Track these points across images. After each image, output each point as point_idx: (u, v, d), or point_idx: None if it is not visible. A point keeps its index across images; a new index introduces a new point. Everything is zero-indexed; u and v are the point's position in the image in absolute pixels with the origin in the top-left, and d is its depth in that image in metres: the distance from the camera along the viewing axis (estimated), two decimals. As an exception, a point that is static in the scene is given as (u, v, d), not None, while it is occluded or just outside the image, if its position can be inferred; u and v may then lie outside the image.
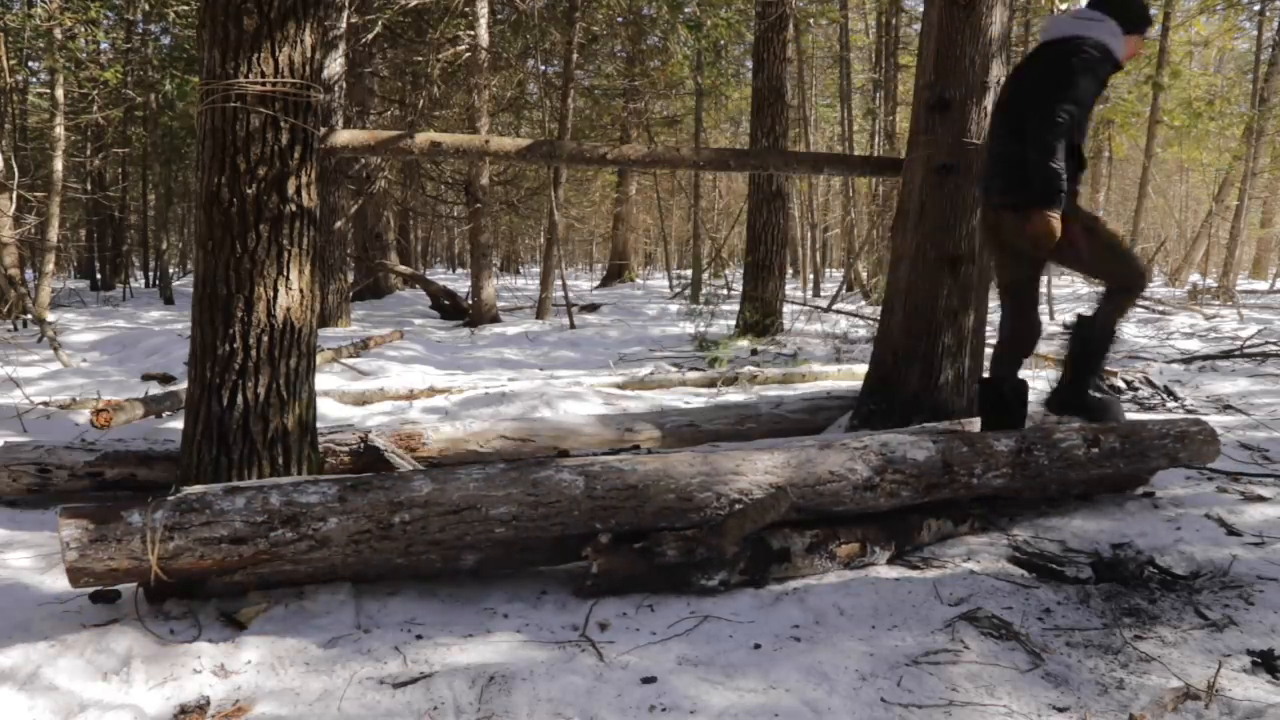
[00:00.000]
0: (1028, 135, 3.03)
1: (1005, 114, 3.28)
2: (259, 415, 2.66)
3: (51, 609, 2.32)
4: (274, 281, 2.64)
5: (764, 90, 8.66)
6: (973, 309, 3.83)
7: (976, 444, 2.93)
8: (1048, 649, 2.14)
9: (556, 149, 4.33)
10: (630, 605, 2.36)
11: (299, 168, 2.66)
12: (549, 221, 11.41)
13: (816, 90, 19.86)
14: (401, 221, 17.89)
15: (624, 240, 21.70)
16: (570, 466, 2.48)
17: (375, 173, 12.02)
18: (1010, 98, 3.28)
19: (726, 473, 2.55)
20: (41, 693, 1.88)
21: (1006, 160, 3.19)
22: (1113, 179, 21.78)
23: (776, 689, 1.94)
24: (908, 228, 3.89)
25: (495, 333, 9.55)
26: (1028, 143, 3.02)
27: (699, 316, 9.08)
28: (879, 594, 2.44)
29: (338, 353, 6.59)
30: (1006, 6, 3.73)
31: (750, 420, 4.22)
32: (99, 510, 2.15)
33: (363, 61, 12.04)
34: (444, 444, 3.62)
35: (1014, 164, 3.13)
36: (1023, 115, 3.08)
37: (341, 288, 10.53)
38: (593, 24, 13.87)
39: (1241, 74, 17.94)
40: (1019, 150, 3.09)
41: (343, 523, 2.24)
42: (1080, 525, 3.03)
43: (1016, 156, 3.11)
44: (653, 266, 31.10)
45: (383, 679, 1.98)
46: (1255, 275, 23.23)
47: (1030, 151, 3.01)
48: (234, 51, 2.54)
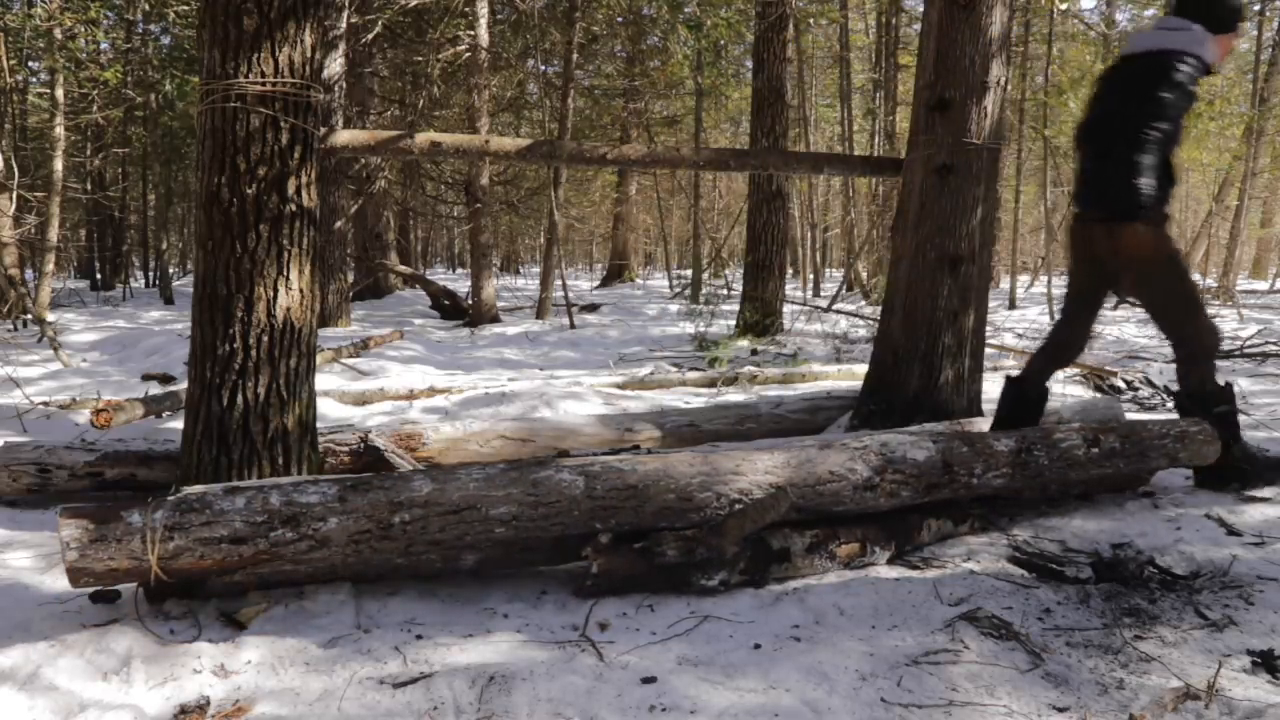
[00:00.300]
0: (1119, 153, 2.99)
1: (1093, 131, 3.22)
2: (259, 415, 2.66)
3: (51, 609, 2.32)
4: (274, 281, 2.64)
5: (764, 90, 8.66)
6: (973, 309, 3.82)
7: (976, 444, 2.93)
8: (1048, 649, 2.14)
9: (556, 149, 4.33)
10: (630, 605, 2.36)
11: (299, 168, 2.66)
12: (549, 221, 11.41)
13: (816, 90, 19.86)
14: (401, 221, 17.90)
15: (624, 240, 21.70)
16: (570, 466, 2.48)
17: (375, 173, 12.02)
18: (1099, 116, 3.22)
19: (726, 473, 2.55)
20: (41, 693, 1.88)
21: (1098, 176, 3.15)
22: (1113, 179, 21.71)
23: (776, 689, 1.94)
24: (908, 228, 3.89)
25: (495, 333, 9.55)
26: (1119, 160, 2.98)
27: (699, 316, 9.09)
28: (879, 594, 2.44)
29: (338, 353, 6.59)
30: (1006, 6, 3.72)
31: (750, 420, 4.22)
32: (99, 510, 2.15)
33: (363, 61, 12.04)
34: (444, 444, 3.62)
35: (1105, 179, 3.08)
36: (1112, 134, 3.04)
37: (341, 288, 10.53)
38: (593, 24, 13.87)
39: (1241, 74, 17.95)
40: (1109, 166, 3.04)
41: (343, 523, 2.24)
42: (1080, 525, 3.03)
43: (1107, 172, 3.06)
44: (653, 266, 31.11)
45: (383, 679, 1.98)
46: (1255, 275, 23.23)
47: (1121, 168, 2.97)
48: (234, 51, 2.54)
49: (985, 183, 3.75)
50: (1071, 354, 3.55)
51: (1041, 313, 12.28)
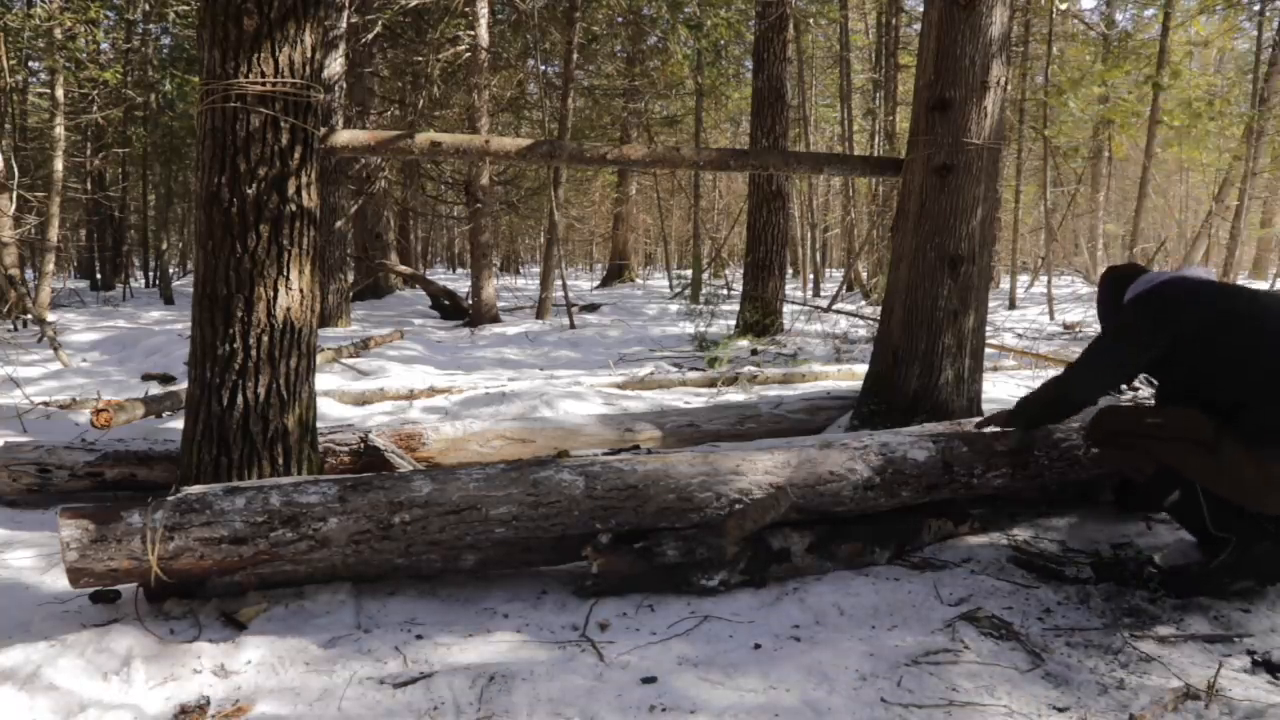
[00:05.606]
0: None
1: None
2: (259, 415, 2.66)
3: (51, 609, 2.32)
4: (274, 281, 2.64)
5: (764, 90, 8.66)
6: (973, 309, 3.82)
7: (976, 444, 2.93)
8: (1048, 649, 2.14)
9: (556, 149, 4.33)
10: (630, 605, 2.36)
11: (299, 168, 2.66)
12: (549, 221, 11.40)
13: (816, 90, 19.84)
14: (401, 221, 17.88)
15: (624, 240, 21.68)
16: (570, 466, 2.48)
17: (375, 173, 12.02)
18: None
19: (726, 473, 2.55)
20: (42, 692, 1.88)
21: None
22: (1113, 179, 21.78)
23: (777, 689, 1.94)
24: (908, 228, 3.89)
25: (495, 333, 9.55)
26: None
27: (699, 316, 9.08)
28: (879, 594, 2.44)
29: (338, 353, 6.59)
30: (1006, 6, 3.72)
31: (750, 420, 4.22)
32: (99, 510, 2.15)
33: (363, 61, 12.04)
34: (444, 444, 3.62)
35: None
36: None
37: (341, 288, 10.53)
38: (593, 24, 13.86)
39: (1241, 74, 17.93)
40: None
41: (343, 523, 2.24)
42: (1080, 525, 3.02)
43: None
44: (653, 266, 31.09)
45: (383, 679, 1.98)
46: (1255, 275, 23.22)
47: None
48: (234, 51, 2.54)
49: (985, 183, 3.75)
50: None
51: (1041, 312, 12.28)
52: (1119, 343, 2.62)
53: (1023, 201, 15.68)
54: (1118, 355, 2.60)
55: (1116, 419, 2.68)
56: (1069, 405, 2.79)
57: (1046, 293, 12.34)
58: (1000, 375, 6.40)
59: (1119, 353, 2.60)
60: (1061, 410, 2.82)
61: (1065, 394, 2.73)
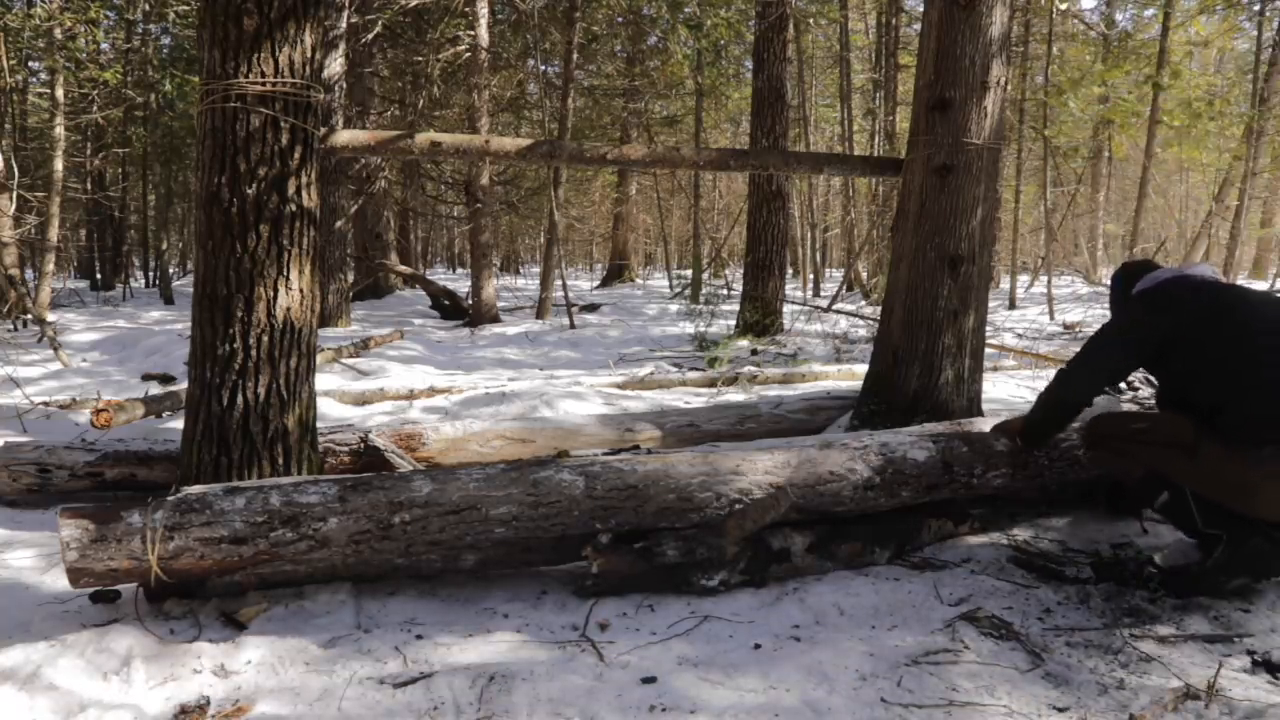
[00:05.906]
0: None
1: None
2: (259, 415, 2.66)
3: (51, 609, 2.32)
4: (274, 281, 2.64)
5: (764, 90, 8.66)
6: (973, 309, 3.82)
7: (976, 444, 2.93)
8: (1048, 649, 2.14)
9: (556, 149, 4.32)
10: (630, 605, 2.36)
11: (299, 168, 2.66)
12: (549, 221, 11.40)
13: (816, 90, 19.84)
14: (401, 221, 17.88)
15: (624, 240, 21.68)
16: (570, 466, 2.48)
17: (375, 173, 12.02)
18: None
19: (726, 473, 2.55)
20: (42, 692, 1.88)
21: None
22: (1113, 179, 21.78)
23: (777, 689, 1.94)
24: (908, 228, 3.89)
25: (495, 333, 9.55)
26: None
27: (699, 316, 9.08)
28: (879, 594, 2.44)
29: (338, 353, 6.59)
30: (1006, 6, 3.72)
31: (750, 420, 4.22)
32: (99, 510, 2.15)
33: (363, 61, 12.04)
34: (444, 444, 3.62)
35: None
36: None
37: (341, 288, 10.53)
38: (593, 24, 13.86)
39: (1241, 74, 17.93)
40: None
41: (343, 523, 2.24)
42: (1080, 525, 3.02)
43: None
44: (653, 266, 31.08)
45: (383, 679, 1.98)
46: (1255, 275, 23.21)
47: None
48: (234, 51, 2.54)
49: (985, 183, 3.75)
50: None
51: (1041, 312, 12.28)
52: (1116, 336, 2.64)
53: (1023, 201, 15.68)
54: (1113, 349, 2.62)
55: (1108, 423, 2.70)
56: (1067, 405, 2.79)
57: (1046, 293, 12.34)
58: (1000, 375, 6.40)
59: (1114, 346, 2.62)
60: (1061, 411, 2.82)
61: (1063, 391, 2.73)
